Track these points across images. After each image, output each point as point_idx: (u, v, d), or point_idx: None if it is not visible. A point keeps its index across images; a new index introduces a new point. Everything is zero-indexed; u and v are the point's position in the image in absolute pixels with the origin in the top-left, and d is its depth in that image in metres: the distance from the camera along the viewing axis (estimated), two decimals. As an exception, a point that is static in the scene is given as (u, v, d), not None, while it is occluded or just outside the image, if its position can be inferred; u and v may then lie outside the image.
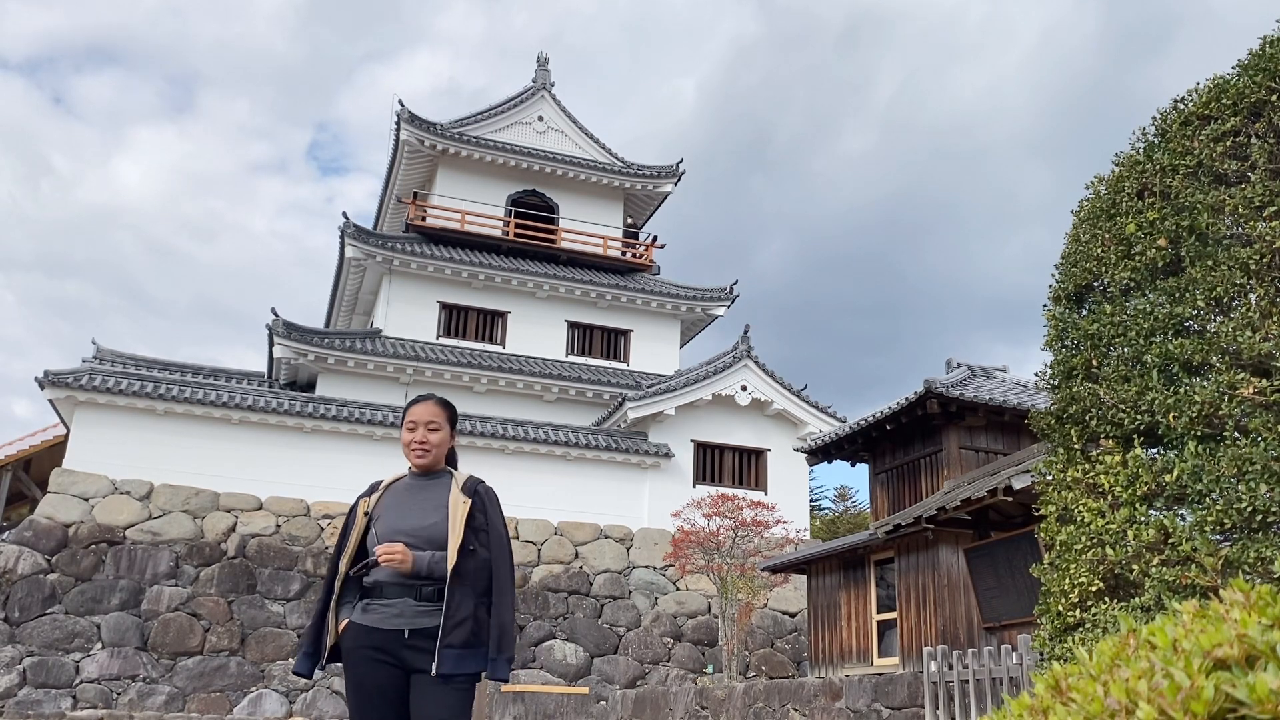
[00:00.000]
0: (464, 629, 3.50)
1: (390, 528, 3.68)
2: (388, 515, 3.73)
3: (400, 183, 32.79)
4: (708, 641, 23.99)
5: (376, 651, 3.55)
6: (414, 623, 3.56)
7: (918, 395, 15.33)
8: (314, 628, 3.75)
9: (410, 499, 3.79)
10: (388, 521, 3.71)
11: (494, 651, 3.56)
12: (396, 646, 3.54)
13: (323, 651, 3.67)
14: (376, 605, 3.61)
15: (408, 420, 3.88)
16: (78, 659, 20.18)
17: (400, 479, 3.92)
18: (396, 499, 3.81)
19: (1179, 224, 6.28)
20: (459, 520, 3.66)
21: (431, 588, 3.56)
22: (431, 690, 3.47)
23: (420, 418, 3.85)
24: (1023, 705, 1.33)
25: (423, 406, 3.89)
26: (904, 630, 14.30)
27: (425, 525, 3.67)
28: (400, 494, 3.85)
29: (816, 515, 40.11)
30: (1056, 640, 6.37)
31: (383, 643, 3.54)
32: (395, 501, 3.80)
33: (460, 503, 3.71)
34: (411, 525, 3.67)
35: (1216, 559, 5.44)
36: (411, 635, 3.53)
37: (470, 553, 3.60)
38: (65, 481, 22.02)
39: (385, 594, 3.59)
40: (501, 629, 3.58)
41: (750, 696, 14.07)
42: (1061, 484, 6.61)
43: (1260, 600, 1.26)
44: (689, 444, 27.06)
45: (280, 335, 25.71)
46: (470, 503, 3.72)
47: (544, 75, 34.73)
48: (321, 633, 3.70)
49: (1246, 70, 6.30)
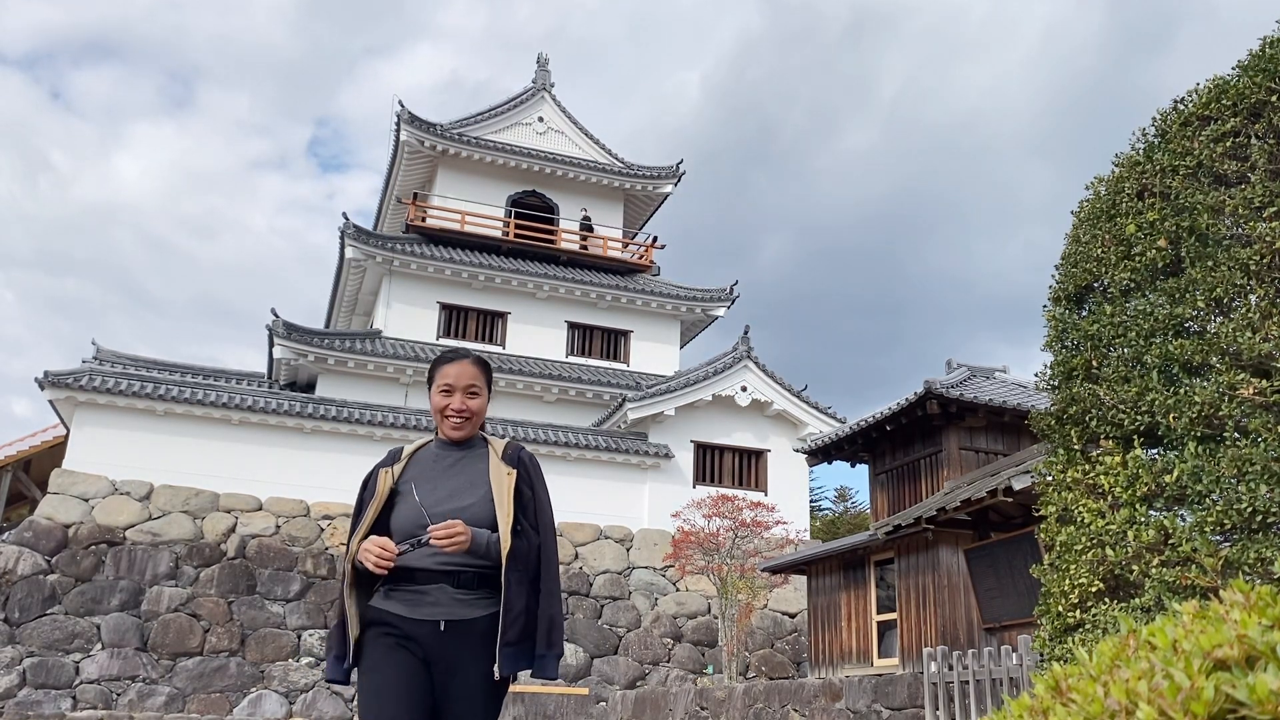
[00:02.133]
0: (519, 624, 3.03)
1: (422, 505, 3.12)
2: (420, 490, 3.16)
3: (400, 183, 32.80)
4: (708, 642, 23.98)
5: (407, 641, 3.03)
6: (452, 613, 3.03)
7: (918, 396, 15.33)
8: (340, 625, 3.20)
9: (443, 471, 3.23)
10: (419, 497, 3.14)
11: (542, 647, 3.08)
12: (429, 640, 3.01)
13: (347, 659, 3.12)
14: (404, 591, 3.06)
15: (441, 382, 3.28)
16: (78, 660, 20.17)
17: (424, 446, 3.35)
18: (425, 470, 3.24)
19: (1179, 225, 6.28)
20: (506, 495, 3.15)
21: (471, 573, 3.05)
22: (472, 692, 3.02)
23: (458, 380, 3.27)
24: (1023, 706, 1.33)
25: (460, 367, 3.29)
26: (904, 631, 14.30)
27: (463, 505, 3.12)
28: (429, 464, 3.27)
29: (816, 516, 40.11)
30: (1056, 641, 6.37)
31: (414, 634, 3.02)
32: (424, 473, 3.23)
33: (504, 475, 3.19)
34: (446, 505, 3.12)
35: (1216, 560, 5.44)
36: (448, 628, 3.01)
37: (519, 533, 3.12)
38: (65, 482, 22.01)
39: (416, 579, 3.04)
40: (551, 622, 3.11)
41: (750, 697, 14.07)
42: (1061, 484, 6.61)
43: (1260, 601, 1.26)
44: (689, 445, 27.06)
45: (280, 336, 25.71)
46: (515, 474, 3.21)
47: (544, 76, 34.75)
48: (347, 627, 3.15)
49: (1246, 71, 6.30)
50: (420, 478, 3.21)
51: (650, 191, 33.76)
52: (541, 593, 3.13)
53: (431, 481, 3.19)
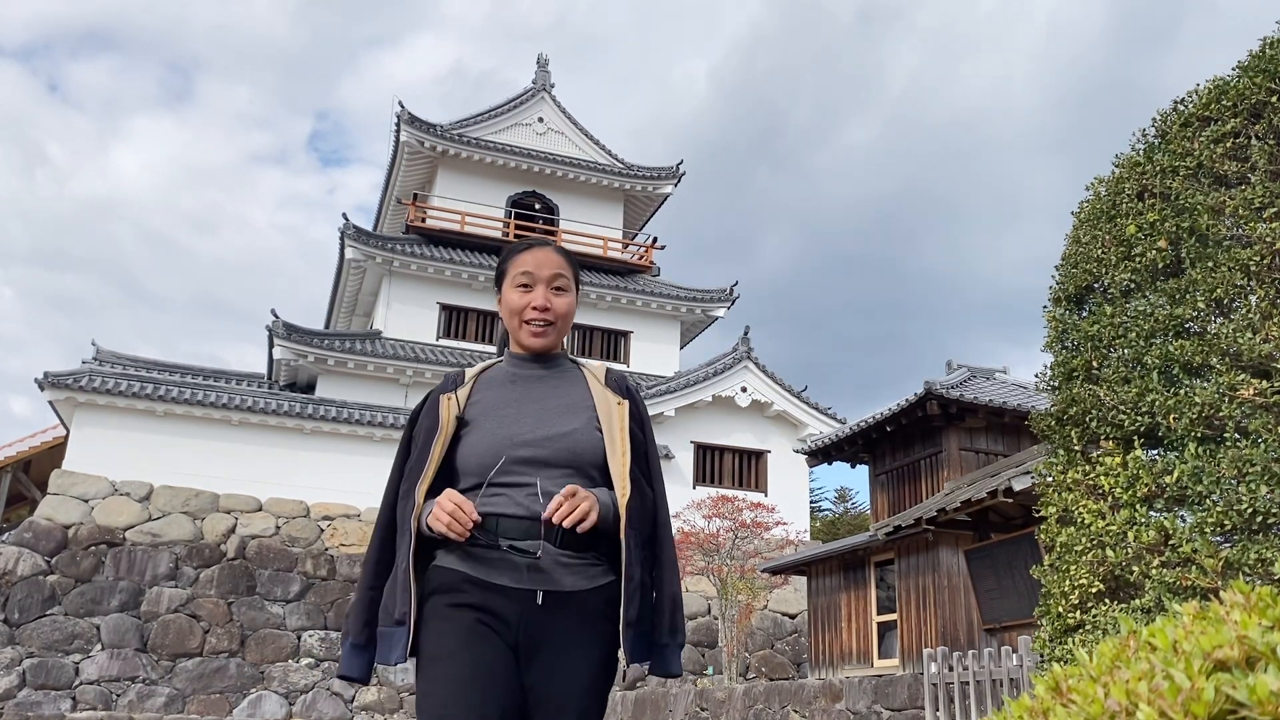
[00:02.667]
0: (638, 600, 2.30)
1: (502, 436, 2.34)
2: (494, 418, 2.39)
3: (400, 183, 32.83)
4: (708, 643, 23.98)
5: (489, 616, 2.22)
6: (553, 581, 2.26)
7: (918, 396, 15.33)
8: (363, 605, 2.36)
9: (526, 394, 2.45)
10: (497, 426, 2.37)
11: (665, 635, 2.36)
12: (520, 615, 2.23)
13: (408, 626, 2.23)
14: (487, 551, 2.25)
15: (517, 273, 2.49)
16: (77, 660, 20.17)
17: (494, 365, 2.56)
18: (502, 394, 2.45)
19: (1179, 225, 6.28)
20: (620, 431, 2.39)
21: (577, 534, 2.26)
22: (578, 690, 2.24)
23: (540, 270, 2.49)
24: (1023, 707, 1.33)
25: (543, 254, 2.52)
26: (904, 632, 14.30)
27: (563, 431, 2.36)
28: (504, 386, 2.47)
29: (817, 517, 40.11)
30: (1057, 642, 6.36)
31: (501, 607, 2.22)
32: (502, 397, 2.44)
33: (615, 404, 2.44)
34: (538, 431, 2.35)
35: (1217, 560, 5.44)
36: (546, 601, 2.24)
37: (635, 485, 2.35)
38: (65, 483, 22.01)
39: (503, 532, 2.25)
40: (674, 602, 2.40)
41: (750, 698, 14.06)
42: (1062, 485, 6.61)
43: (1261, 602, 1.26)
44: (689, 445, 27.06)
45: (280, 337, 25.73)
46: (626, 406, 2.46)
47: (544, 76, 34.78)
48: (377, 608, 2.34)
49: (1246, 72, 6.30)
50: (497, 402, 2.43)
51: (650, 192, 33.77)
52: (661, 563, 2.40)
53: (513, 405, 2.41)
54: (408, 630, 2.23)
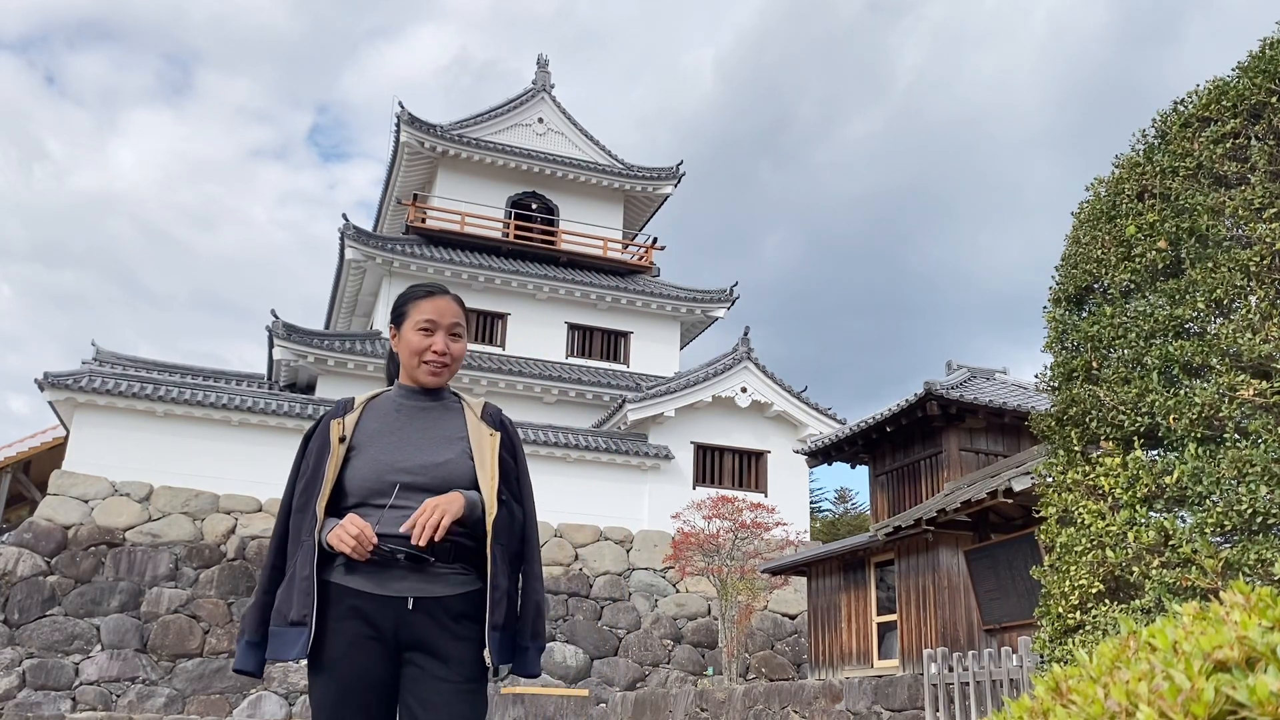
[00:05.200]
0: (503, 606, 2.59)
1: (384, 463, 2.62)
2: (378, 444, 2.66)
3: (400, 184, 32.84)
4: (708, 644, 23.97)
5: (367, 627, 2.52)
6: (422, 588, 2.54)
7: (918, 397, 15.33)
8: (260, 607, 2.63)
9: (409, 424, 2.72)
10: (380, 453, 2.64)
11: (526, 637, 2.66)
12: (395, 621, 2.52)
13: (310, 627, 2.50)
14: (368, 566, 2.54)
15: (419, 318, 2.76)
16: (77, 661, 20.17)
17: (381, 395, 2.82)
18: (388, 421, 2.72)
19: (1179, 226, 6.28)
20: (490, 458, 2.69)
21: (448, 544, 2.55)
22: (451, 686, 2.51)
23: (441, 318, 2.77)
24: (1023, 707, 1.33)
25: (444, 302, 2.80)
26: (904, 632, 14.30)
27: (438, 461, 2.64)
28: (390, 416, 2.74)
29: (817, 517, 40.10)
30: (1057, 642, 6.36)
31: (377, 614, 2.51)
32: (387, 425, 2.71)
33: (487, 435, 2.73)
34: (416, 459, 2.63)
35: (1217, 561, 5.44)
36: (417, 606, 2.53)
37: (504, 504, 2.66)
38: (65, 483, 22.01)
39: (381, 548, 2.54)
40: (537, 608, 2.70)
41: (750, 699, 14.06)
42: (1062, 486, 6.61)
43: (1260, 602, 1.26)
44: (689, 446, 27.06)
45: (280, 337, 25.73)
46: (498, 437, 2.75)
47: (544, 77, 34.79)
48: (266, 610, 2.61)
49: (1246, 72, 6.30)
50: (382, 430, 2.69)
51: (650, 192, 33.78)
52: (526, 574, 2.71)
53: (397, 433, 2.69)
54: (309, 630, 2.50)
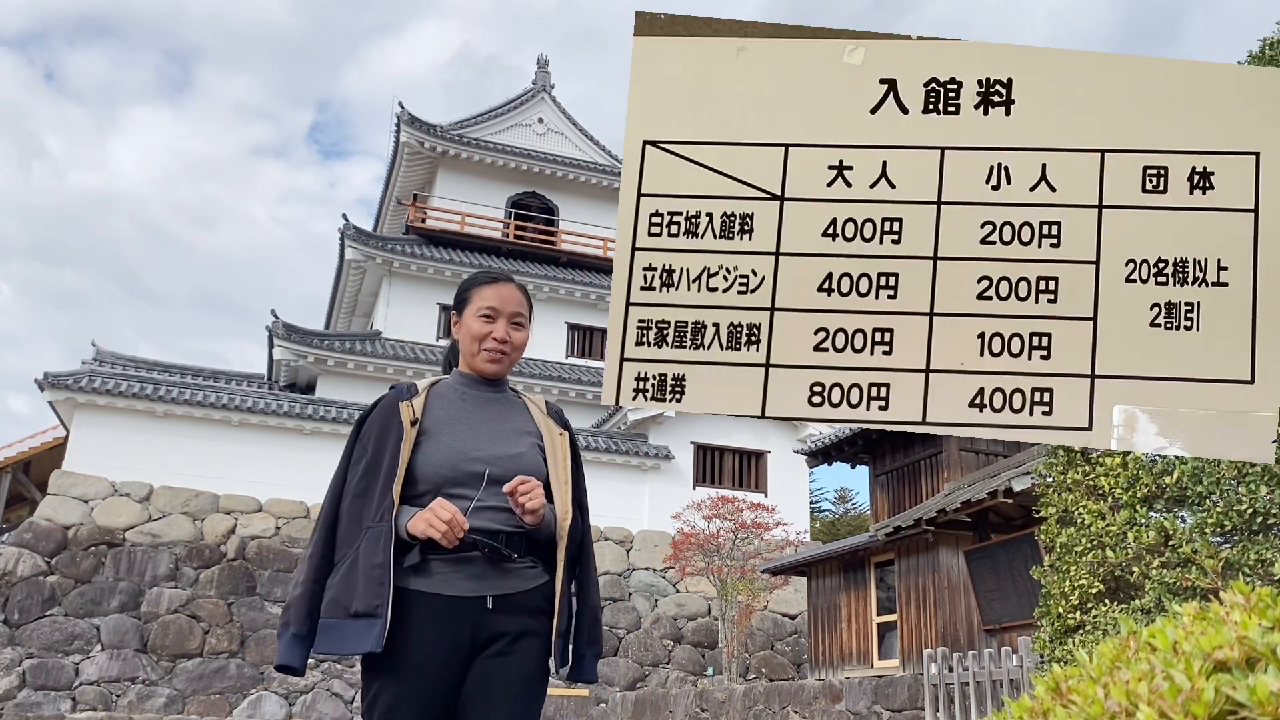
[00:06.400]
0: (566, 612, 2.54)
1: (459, 450, 2.48)
2: (450, 431, 2.51)
3: (400, 184, 32.85)
4: (708, 644, 23.97)
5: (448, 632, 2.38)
6: (498, 585, 2.43)
7: (918, 397, 15.30)
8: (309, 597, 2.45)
9: (476, 412, 2.59)
10: (454, 440, 2.49)
11: (584, 645, 2.59)
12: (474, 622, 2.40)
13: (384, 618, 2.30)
14: (441, 565, 2.39)
15: (481, 305, 2.62)
16: (77, 661, 20.17)
17: (441, 382, 2.67)
18: (455, 411, 2.57)
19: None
20: (563, 459, 2.60)
21: (519, 536, 2.44)
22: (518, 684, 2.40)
23: (504, 305, 2.62)
24: (1023, 707, 1.33)
25: (507, 289, 2.66)
26: (904, 632, 14.30)
27: (511, 453, 2.52)
28: (457, 404, 2.59)
29: (817, 517, 40.11)
30: (1057, 642, 6.36)
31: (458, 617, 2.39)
32: (455, 414, 2.56)
33: (557, 435, 2.64)
34: (490, 450, 2.50)
35: (1217, 561, 5.44)
36: (495, 604, 2.41)
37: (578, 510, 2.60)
38: (65, 483, 22.01)
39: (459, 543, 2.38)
40: (594, 616, 2.64)
41: (750, 699, 14.06)
42: (1062, 486, 6.61)
43: (1260, 602, 1.26)
44: (689, 446, 27.07)
45: (280, 337, 25.73)
46: (567, 438, 2.67)
47: (544, 77, 34.82)
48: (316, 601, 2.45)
49: (1246, 72, 6.29)
50: (450, 418, 2.54)
51: (650, 193, 33.76)
52: (584, 582, 2.62)
53: (465, 421, 2.55)
54: (383, 621, 2.30)
